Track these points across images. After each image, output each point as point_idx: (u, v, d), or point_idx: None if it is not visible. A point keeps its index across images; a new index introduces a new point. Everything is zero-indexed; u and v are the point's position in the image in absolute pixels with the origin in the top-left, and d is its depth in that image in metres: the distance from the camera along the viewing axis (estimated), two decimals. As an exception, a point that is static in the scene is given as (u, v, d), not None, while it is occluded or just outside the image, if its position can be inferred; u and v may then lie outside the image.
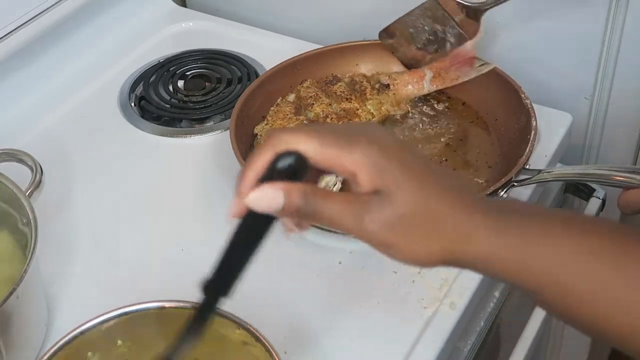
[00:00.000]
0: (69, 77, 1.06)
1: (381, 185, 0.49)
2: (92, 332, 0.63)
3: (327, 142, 0.49)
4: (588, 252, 0.50)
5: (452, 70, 0.93)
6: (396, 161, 0.50)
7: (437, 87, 0.94)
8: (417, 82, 0.94)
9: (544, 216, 0.53)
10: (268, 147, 0.50)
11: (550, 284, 0.51)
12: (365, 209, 0.49)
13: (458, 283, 0.77)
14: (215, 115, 1.01)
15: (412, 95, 0.95)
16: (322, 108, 0.90)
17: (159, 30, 1.16)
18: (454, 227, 0.50)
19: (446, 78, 0.93)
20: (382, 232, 0.50)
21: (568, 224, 0.52)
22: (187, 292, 0.68)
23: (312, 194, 0.50)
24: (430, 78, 0.94)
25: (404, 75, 0.95)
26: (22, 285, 0.64)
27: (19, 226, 0.73)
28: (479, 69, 0.91)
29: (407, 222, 0.49)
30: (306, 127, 0.49)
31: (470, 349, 0.81)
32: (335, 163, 0.49)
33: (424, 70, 0.95)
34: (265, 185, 0.50)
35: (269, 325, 0.64)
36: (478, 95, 0.94)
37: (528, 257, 0.50)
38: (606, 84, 0.97)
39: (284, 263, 0.81)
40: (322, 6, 1.13)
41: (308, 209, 0.50)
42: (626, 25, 0.92)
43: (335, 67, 0.99)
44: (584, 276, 0.50)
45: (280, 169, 0.49)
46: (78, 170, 0.93)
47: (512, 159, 0.84)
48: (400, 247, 0.51)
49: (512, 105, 0.90)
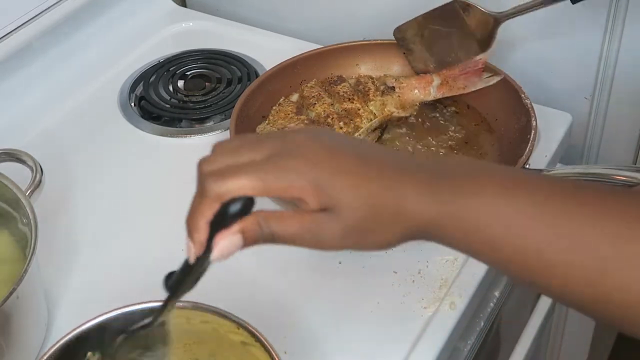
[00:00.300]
0: (69, 77, 1.06)
1: (326, 204, 0.51)
2: (92, 332, 0.63)
3: (269, 180, 0.51)
4: (529, 210, 0.51)
5: (460, 79, 0.93)
6: (333, 173, 0.51)
7: (444, 95, 0.94)
8: (423, 88, 0.95)
9: (478, 173, 0.53)
10: (213, 199, 0.52)
11: (497, 247, 0.51)
12: (319, 228, 0.52)
13: (458, 283, 0.77)
14: (215, 115, 1.01)
15: (418, 100, 0.95)
16: (324, 108, 0.90)
17: (159, 30, 1.16)
18: (399, 212, 0.52)
19: (453, 86, 0.94)
20: (341, 243, 0.52)
21: (505, 182, 0.52)
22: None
23: (264, 220, 0.52)
24: (438, 85, 0.94)
25: (411, 79, 0.96)
26: (22, 285, 0.64)
27: (19, 226, 0.73)
28: (487, 80, 0.92)
29: (360, 228, 0.52)
30: (244, 167, 0.51)
31: (470, 349, 0.81)
32: (282, 195, 0.51)
33: (432, 77, 0.95)
34: (222, 235, 0.52)
35: (269, 325, 0.64)
36: (478, 95, 0.94)
37: (466, 222, 0.51)
38: (606, 84, 0.97)
39: (284, 263, 0.81)
40: (322, 6, 1.13)
41: (266, 235, 0.52)
42: (626, 25, 0.92)
43: (335, 67, 0.99)
44: (529, 236, 0.50)
45: (233, 214, 0.51)
46: (78, 170, 0.93)
47: (512, 159, 0.84)
48: (362, 246, 0.54)
49: (512, 105, 0.90)
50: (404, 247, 0.81)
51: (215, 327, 0.64)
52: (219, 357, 0.66)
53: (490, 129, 0.93)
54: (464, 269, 0.79)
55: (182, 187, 0.91)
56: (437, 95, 0.94)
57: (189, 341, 0.66)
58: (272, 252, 0.82)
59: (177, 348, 0.66)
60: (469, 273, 0.78)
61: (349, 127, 0.88)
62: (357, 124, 0.89)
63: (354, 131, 0.88)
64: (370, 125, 0.89)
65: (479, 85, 0.92)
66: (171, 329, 0.64)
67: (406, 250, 0.81)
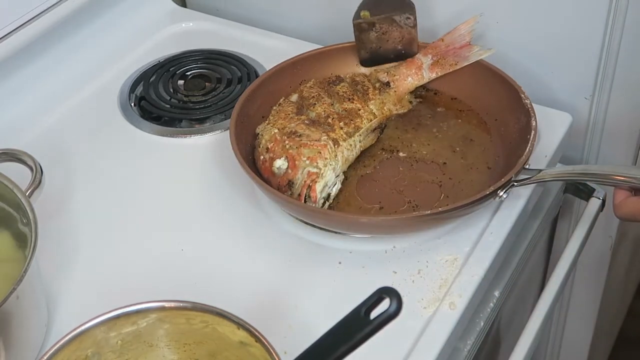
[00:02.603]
0: (69, 77, 1.06)
1: None
2: (92, 332, 0.63)
3: None
4: None
5: (449, 56, 0.92)
6: None
7: (438, 74, 0.93)
8: (415, 73, 0.94)
9: None
10: None
11: None
12: None
13: (458, 283, 0.77)
14: (215, 115, 1.01)
15: (413, 87, 0.94)
16: (324, 108, 0.90)
17: (159, 30, 1.16)
18: None
19: (444, 64, 0.93)
20: None
21: None
22: (187, 292, 0.68)
23: None
24: (429, 65, 0.93)
25: (401, 68, 0.95)
26: (22, 285, 0.64)
27: (19, 226, 0.74)
28: (479, 53, 0.91)
29: None
30: None
31: (470, 349, 0.81)
32: None
33: (420, 59, 0.94)
34: None
35: (269, 325, 0.64)
36: (478, 96, 0.94)
37: None
38: (606, 84, 0.97)
39: (284, 263, 0.81)
40: (322, 6, 1.13)
41: None
42: (626, 25, 0.92)
43: (335, 67, 0.99)
44: None
45: None
46: (78, 170, 0.93)
47: (512, 159, 0.84)
48: None
49: (512, 105, 0.90)
50: (404, 247, 0.82)
51: (215, 327, 0.64)
52: (219, 357, 0.66)
53: (490, 129, 0.93)
54: (464, 269, 0.79)
55: (182, 187, 0.92)
56: (431, 76, 0.94)
57: (189, 341, 0.66)
58: (272, 252, 0.83)
59: (177, 348, 0.66)
60: (469, 273, 0.78)
61: (349, 127, 0.88)
62: (358, 124, 0.89)
63: (354, 131, 0.88)
64: (370, 126, 0.89)
65: (472, 58, 0.90)
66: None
67: (406, 250, 0.82)
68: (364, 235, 0.83)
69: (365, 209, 0.85)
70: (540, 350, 1.31)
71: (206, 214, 0.87)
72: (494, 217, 0.84)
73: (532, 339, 0.81)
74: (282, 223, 0.85)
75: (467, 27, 0.90)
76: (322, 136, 0.85)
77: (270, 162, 0.85)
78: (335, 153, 0.85)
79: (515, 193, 0.85)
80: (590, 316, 1.25)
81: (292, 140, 0.85)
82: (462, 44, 0.91)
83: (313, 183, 0.82)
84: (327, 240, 0.83)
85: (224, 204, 0.88)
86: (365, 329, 0.53)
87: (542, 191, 0.95)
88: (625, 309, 1.72)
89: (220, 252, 0.83)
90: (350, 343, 0.53)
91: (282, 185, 0.83)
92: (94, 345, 0.64)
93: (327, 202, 0.84)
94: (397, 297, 0.53)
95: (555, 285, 0.87)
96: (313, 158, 0.83)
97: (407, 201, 0.85)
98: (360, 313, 0.54)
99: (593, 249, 1.11)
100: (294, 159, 0.84)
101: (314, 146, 0.84)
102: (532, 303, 0.93)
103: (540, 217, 0.95)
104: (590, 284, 1.20)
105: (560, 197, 1.01)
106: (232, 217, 0.87)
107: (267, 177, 0.85)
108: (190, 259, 0.82)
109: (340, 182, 0.86)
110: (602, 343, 1.49)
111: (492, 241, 0.82)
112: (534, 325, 0.82)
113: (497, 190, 0.80)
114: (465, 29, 0.90)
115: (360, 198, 0.86)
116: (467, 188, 0.86)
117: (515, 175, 0.81)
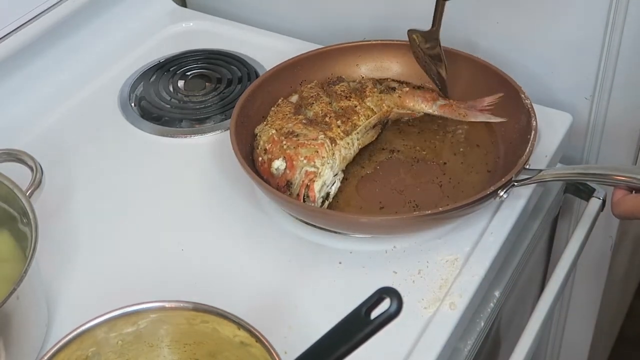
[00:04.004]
0: (69, 77, 1.06)
1: None
2: (92, 332, 0.63)
3: None
4: None
5: (462, 108, 0.94)
6: None
7: (443, 114, 0.95)
8: (426, 102, 0.95)
9: None
10: None
11: None
12: None
13: (458, 283, 0.77)
14: (215, 115, 1.01)
15: (415, 109, 0.95)
16: (322, 107, 0.90)
17: (159, 30, 1.16)
18: None
19: (454, 111, 0.94)
20: None
21: None
22: (187, 292, 0.68)
23: None
24: (440, 105, 0.95)
25: (416, 89, 0.96)
26: (22, 285, 0.64)
27: (19, 226, 0.74)
28: (488, 117, 0.92)
29: None
30: None
31: (470, 349, 0.81)
32: None
33: (437, 95, 0.96)
34: None
35: (269, 325, 0.64)
36: (478, 96, 0.94)
37: None
38: (606, 84, 0.97)
39: (284, 263, 0.81)
40: (323, 6, 1.13)
41: None
42: (626, 25, 0.92)
43: (335, 68, 0.99)
44: None
45: None
46: (78, 170, 0.93)
47: (512, 159, 0.84)
48: None
49: (512, 105, 0.90)
50: (404, 247, 0.82)
51: (215, 327, 0.64)
52: (219, 357, 0.66)
53: (490, 129, 0.93)
54: (464, 269, 0.79)
55: (182, 187, 0.92)
56: (437, 112, 0.95)
57: (189, 341, 0.66)
58: (273, 252, 0.83)
59: (177, 348, 0.66)
60: (469, 273, 0.78)
61: (346, 125, 0.88)
62: (355, 122, 0.88)
63: (351, 129, 0.88)
64: (368, 123, 0.89)
65: (480, 118, 0.93)
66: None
67: (406, 250, 0.82)
68: (364, 235, 0.83)
69: (365, 209, 0.85)
70: (540, 350, 1.31)
71: (206, 214, 0.87)
72: (495, 217, 0.84)
73: (532, 339, 0.81)
74: (282, 223, 0.85)
75: (492, 100, 0.92)
76: (319, 135, 0.85)
77: (269, 164, 0.85)
78: (332, 151, 0.85)
79: (515, 193, 0.85)
80: (590, 316, 1.25)
81: (289, 141, 0.85)
82: (480, 108, 0.93)
83: (311, 182, 0.82)
84: (327, 240, 0.83)
85: (224, 204, 0.88)
86: (366, 329, 0.53)
87: (542, 191, 0.95)
88: (625, 309, 1.72)
89: (220, 252, 0.83)
90: (351, 343, 0.53)
91: (281, 186, 0.83)
92: (95, 345, 0.64)
93: (327, 201, 0.84)
94: (397, 297, 0.53)
95: (556, 286, 0.87)
96: (310, 157, 0.83)
97: (408, 201, 0.85)
98: (360, 313, 0.53)
99: (593, 249, 1.11)
100: (291, 159, 0.84)
101: (311, 145, 0.84)
102: (532, 303, 0.93)
103: (540, 217, 0.95)
104: (590, 284, 1.20)
105: (560, 197, 1.01)
106: (232, 217, 0.87)
107: (267, 178, 0.85)
108: (190, 259, 0.82)
109: (339, 181, 0.86)
110: (602, 343, 1.49)
111: (493, 241, 0.82)
112: (534, 326, 0.82)
113: (497, 190, 0.80)
114: (490, 100, 0.92)
115: (360, 198, 0.86)
116: (468, 188, 0.86)
117: (516, 175, 0.81)
